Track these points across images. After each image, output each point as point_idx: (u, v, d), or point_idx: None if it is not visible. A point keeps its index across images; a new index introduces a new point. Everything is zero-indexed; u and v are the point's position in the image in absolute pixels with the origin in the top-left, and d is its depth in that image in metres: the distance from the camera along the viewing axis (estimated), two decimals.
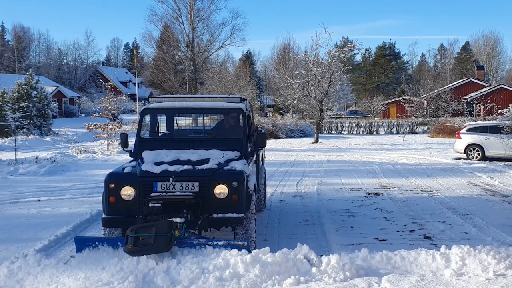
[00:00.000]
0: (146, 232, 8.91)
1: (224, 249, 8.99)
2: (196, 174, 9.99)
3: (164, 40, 79.21)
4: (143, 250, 8.78)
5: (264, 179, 15.17)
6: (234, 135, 11.98)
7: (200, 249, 9.06)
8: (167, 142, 11.61)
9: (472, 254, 8.90)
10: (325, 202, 16.22)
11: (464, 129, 30.89)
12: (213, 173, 10.07)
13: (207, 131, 13.08)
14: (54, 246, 11.38)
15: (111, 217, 10.20)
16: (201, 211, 9.86)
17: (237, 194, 9.90)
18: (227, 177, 10.01)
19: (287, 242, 11.32)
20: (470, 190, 18.58)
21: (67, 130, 52.30)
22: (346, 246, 11.02)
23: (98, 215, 14.23)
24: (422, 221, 13.61)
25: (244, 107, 12.17)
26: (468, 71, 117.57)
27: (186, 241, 9.25)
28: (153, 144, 11.53)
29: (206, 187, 9.90)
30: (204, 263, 8.64)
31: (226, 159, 10.75)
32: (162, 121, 12.73)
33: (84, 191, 18.84)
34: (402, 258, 9.05)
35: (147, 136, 12.10)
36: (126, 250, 8.80)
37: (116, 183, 10.13)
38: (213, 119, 15.08)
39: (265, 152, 16.40)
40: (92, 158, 30.18)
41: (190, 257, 8.79)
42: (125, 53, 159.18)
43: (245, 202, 10.07)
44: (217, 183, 9.91)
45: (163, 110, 12.50)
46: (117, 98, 41.03)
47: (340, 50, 47.21)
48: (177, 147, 11.24)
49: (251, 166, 11.70)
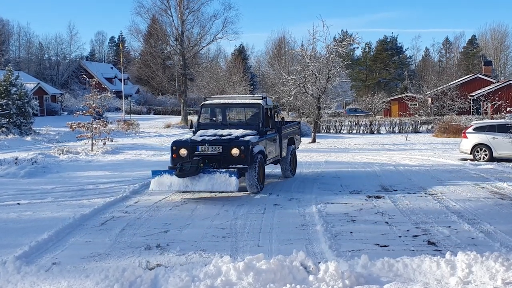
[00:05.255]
0: (186, 165, 17.35)
1: (227, 174, 17.07)
2: (220, 141, 18.40)
3: (152, 33, 79.31)
4: (184, 174, 17.15)
5: (290, 156, 22.95)
6: (254, 120, 20.55)
7: (212, 174, 17.18)
8: (214, 124, 20.77)
9: (479, 261, 8.92)
10: (323, 205, 16.20)
11: (471, 128, 30.93)
12: (231, 141, 18.37)
13: (238, 118, 22.33)
14: (35, 253, 11.35)
15: (173, 166, 18.35)
16: (223, 163, 18.17)
17: (244, 154, 18.04)
18: (238, 143, 18.26)
19: (283, 248, 11.35)
20: (477, 193, 18.59)
21: (49, 129, 52.11)
22: (345, 252, 11.03)
23: (82, 220, 14.27)
24: (426, 226, 13.62)
25: (263, 103, 20.83)
26: (474, 67, 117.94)
27: (206, 169, 17.45)
28: (205, 126, 20.65)
29: (226, 149, 18.20)
30: (195, 270, 8.65)
31: (243, 134, 19.03)
32: (213, 111, 21.64)
33: (67, 194, 18.80)
34: (405, 265, 9.07)
35: (202, 121, 21.08)
36: (175, 174, 17.28)
37: (177, 146, 18.77)
38: (248, 110, 22.07)
39: (299, 141, 25.72)
40: (75, 159, 30.10)
41: (179, 265, 8.80)
42: (111, 47, 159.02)
43: (249, 159, 18.11)
44: (233, 147, 18.17)
45: (213, 105, 21.67)
46: (101, 95, 41.17)
47: (339, 44, 47.17)
48: (220, 127, 20.01)
49: (265, 141, 19.97)
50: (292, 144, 23.78)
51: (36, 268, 9.05)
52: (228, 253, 10.93)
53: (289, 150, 22.98)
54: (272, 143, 20.99)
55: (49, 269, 9.22)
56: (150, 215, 15.33)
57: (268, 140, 20.46)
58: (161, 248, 11.78)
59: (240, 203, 16.81)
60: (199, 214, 15.38)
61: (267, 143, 20.35)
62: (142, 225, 14.05)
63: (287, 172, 22.71)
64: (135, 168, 25.80)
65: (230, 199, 17.66)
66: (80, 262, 10.64)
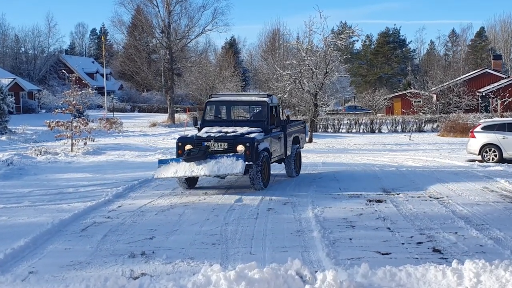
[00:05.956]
0: (194, 150, 19.05)
1: (234, 157, 18.51)
2: (225, 138, 19.65)
3: (136, 25, 79.23)
4: (191, 158, 18.73)
5: (295, 154, 23.79)
6: (259, 118, 21.76)
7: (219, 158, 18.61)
8: (219, 121, 22.12)
9: (488, 270, 8.94)
10: (320, 210, 16.22)
11: (479, 127, 30.93)
12: (236, 138, 19.60)
13: (243, 115, 24.13)
14: (11, 261, 11.32)
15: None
16: None
17: (249, 151, 19.18)
18: (244, 140, 19.49)
19: (277, 256, 11.36)
20: (486, 196, 18.63)
21: (26, 128, 52.07)
22: (344, 260, 11.04)
23: (61, 226, 14.24)
24: (431, 232, 13.64)
25: (269, 100, 21.92)
26: (483, 61, 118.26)
27: (214, 155, 18.84)
28: (210, 122, 21.89)
29: (231, 146, 19.44)
30: (182, 280, 8.65)
31: (248, 131, 20.28)
32: (218, 108, 22.96)
33: (45, 197, 18.77)
34: (408, 274, 9.08)
35: (207, 118, 22.22)
36: (183, 158, 18.94)
37: (182, 142, 20.19)
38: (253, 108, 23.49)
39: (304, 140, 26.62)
40: (53, 160, 30.09)
41: (165, 274, 8.79)
42: (92, 40, 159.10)
43: (254, 156, 19.31)
44: (238, 143, 19.39)
45: (218, 102, 23.03)
46: (82, 91, 41.12)
47: (337, 36, 47.36)
48: (225, 125, 21.35)
49: (269, 138, 21.08)
50: (297, 143, 24.79)
51: (12, 278, 9.04)
52: (218, 261, 10.93)
53: (294, 149, 23.89)
54: (277, 141, 22.15)
55: (25, 279, 9.21)
56: (135, 220, 15.31)
57: (273, 138, 21.62)
58: (146, 256, 11.75)
59: (231, 208, 16.78)
60: (187, 219, 15.37)
61: (272, 141, 21.52)
62: (125, 231, 14.04)
63: (291, 171, 23.70)
64: (118, 170, 25.80)
65: (220, 203, 17.66)
66: (59, 271, 10.61)
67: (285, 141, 23.07)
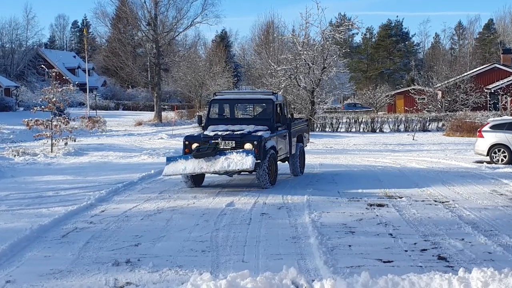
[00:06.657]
0: (204, 146, 20.10)
1: (244, 153, 19.46)
2: (233, 136, 20.76)
3: (121, 17, 79.16)
4: (201, 154, 19.72)
5: (299, 153, 25.05)
6: (265, 116, 23.06)
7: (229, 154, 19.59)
8: (224, 120, 23.21)
9: (497, 279, 8.95)
10: (317, 215, 16.22)
11: (487, 126, 30.94)
12: (243, 136, 20.69)
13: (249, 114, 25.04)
14: None
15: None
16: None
17: (256, 149, 20.00)
18: (251, 138, 20.52)
19: (271, 264, 11.36)
20: (495, 200, 18.67)
21: (2, 127, 51.99)
22: (343, 269, 11.04)
23: (40, 232, 14.22)
24: (436, 239, 13.66)
25: (274, 98, 23.04)
26: (492, 55, 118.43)
27: (223, 151, 19.84)
28: (216, 121, 23.04)
29: (238, 144, 20.43)
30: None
31: (255, 129, 21.34)
32: (223, 107, 24.03)
33: (23, 201, 18.76)
34: (412, 283, 9.09)
35: (212, 117, 23.35)
36: (192, 154, 19.90)
37: (189, 141, 21.15)
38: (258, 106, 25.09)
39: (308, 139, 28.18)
40: (32, 162, 30.07)
41: (152, 283, 8.79)
42: (73, 33, 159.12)
43: (262, 154, 20.17)
44: (245, 141, 20.43)
45: (223, 101, 24.08)
46: (63, 88, 40.87)
47: (336, 29, 47.45)
48: (230, 123, 22.46)
49: (276, 137, 21.95)
50: (301, 142, 25.91)
51: None
52: (209, 269, 10.93)
53: (298, 147, 25.02)
54: (282, 139, 23.15)
55: None
56: (119, 226, 15.29)
57: (279, 136, 22.59)
58: (131, 264, 11.73)
59: (222, 212, 16.77)
60: (175, 224, 15.37)
61: (278, 139, 22.48)
62: (109, 238, 14.02)
63: (296, 169, 24.79)
64: (101, 172, 25.79)
65: (210, 207, 17.64)
66: (38, 280, 10.62)
67: (290, 139, 23.87)
